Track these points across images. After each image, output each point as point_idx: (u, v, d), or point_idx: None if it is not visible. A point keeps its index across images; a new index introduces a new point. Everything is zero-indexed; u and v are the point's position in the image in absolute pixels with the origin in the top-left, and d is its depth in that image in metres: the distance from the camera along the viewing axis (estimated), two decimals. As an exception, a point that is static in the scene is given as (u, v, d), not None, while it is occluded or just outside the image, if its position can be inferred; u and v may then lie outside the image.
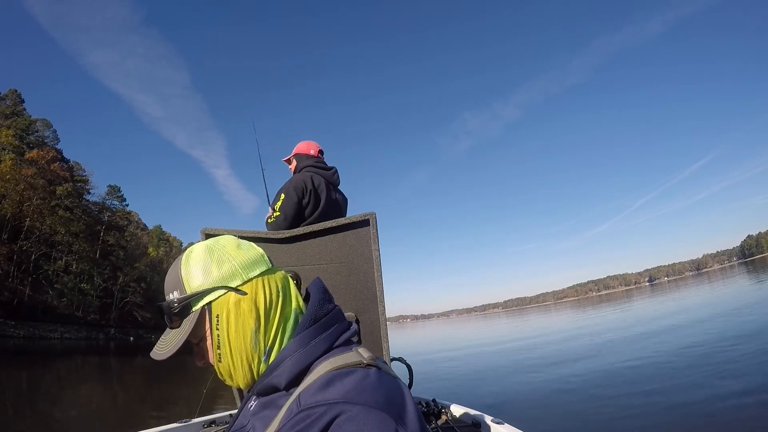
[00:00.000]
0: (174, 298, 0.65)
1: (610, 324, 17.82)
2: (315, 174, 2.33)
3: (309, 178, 2.28)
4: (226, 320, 0.63)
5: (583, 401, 5.42)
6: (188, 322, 0.65)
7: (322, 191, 2.29)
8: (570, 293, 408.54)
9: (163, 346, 0.67)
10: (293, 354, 0.61)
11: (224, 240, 0.70)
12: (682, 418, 4.11)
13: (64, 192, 50.73)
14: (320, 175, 2.35)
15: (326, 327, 0.65)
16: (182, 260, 0.68)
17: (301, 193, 2.21)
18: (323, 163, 2.47)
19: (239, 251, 0.68)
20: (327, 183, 2.34)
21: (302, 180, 2.26)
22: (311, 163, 2.41)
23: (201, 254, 0.67)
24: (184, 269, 0.66)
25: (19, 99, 54.83)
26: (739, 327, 9.23)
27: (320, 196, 2.27)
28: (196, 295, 0.64)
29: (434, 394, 2.15)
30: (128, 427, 1.96)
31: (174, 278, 0.66)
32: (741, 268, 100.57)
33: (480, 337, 22.83)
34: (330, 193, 2.34)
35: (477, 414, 1.79)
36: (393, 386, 0.58)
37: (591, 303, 66.84)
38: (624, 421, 4.36)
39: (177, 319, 0.65)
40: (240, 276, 0.64)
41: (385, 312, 1.83)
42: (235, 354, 0.63)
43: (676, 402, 4.65)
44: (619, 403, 5.04)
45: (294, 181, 2.27)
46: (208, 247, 0.68)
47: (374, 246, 1.80)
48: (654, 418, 4.25)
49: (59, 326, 44.20)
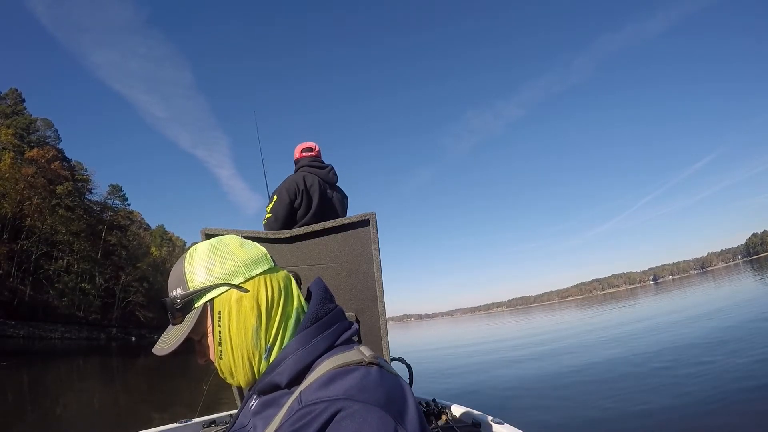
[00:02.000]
0: (177, 294, 0.66)
1: (613, 323, 17.81)
2: (309, 174, 2.35)
3: (302, 179, 2.30)
4: (228, 317, 0.63)
5: (584, 401, 5.42)
6: (190, 319, 0.66)
7: (315, 191, 2.29)
8: (574, 292, 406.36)
9: (164, 341, 0.68)
10: (295, 352, 0.61)
11: (228, 239, 0.71)
12: (682, 418, 4.10)
13: (65, 191, 50.72)
14: (314, 174, 2.36)
15: (328, 326, 0.65)
16: (186, 257, 0.69)
17: (293, 195, 2.23)
18: (318, 161, 2.47)
19: (242, 249, 0.69)
20: (321, 182, 2.35)
21: (294, 181, 2.28)
22: (305, 163, 2.43)
23: (205, 252, 0.68)
24: (188, 266, 0.67)
25: (20, 98, 54.93)
26: (741, 327, 9.22)
27: (312, 196, 2.28)
28: (198, 292, 0.65)
29: (435, 394, 2.15)
30: (129, 427, 1.95)
31: (177, 275, 0.68)
32: (746, 267, 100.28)
33: (482, 337, 22.84)
34: (325, 192, 2.34)
35: (477, 414, 1.79)
36: (394, 385, 0.58)
37: (595, 302, 66.72)
38: (624, 421, 4.36)
39: (179, 315, 0.66)
40: (243, 273, 0.65)
41: (385, 312, 1.83)
42: (236, 351, 0.63)
43: (676, 401, 4.65)
44: (620, 403, 5.04)
45: (287, 182, 2.30)
46: (212, 245, 0.69)
47: (374, 246, 1.80)
48: (655, 418, 4.25)
49: (60, 326, 44.16)
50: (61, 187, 50.34)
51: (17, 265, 43.95)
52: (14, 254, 43.71)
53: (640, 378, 6.10)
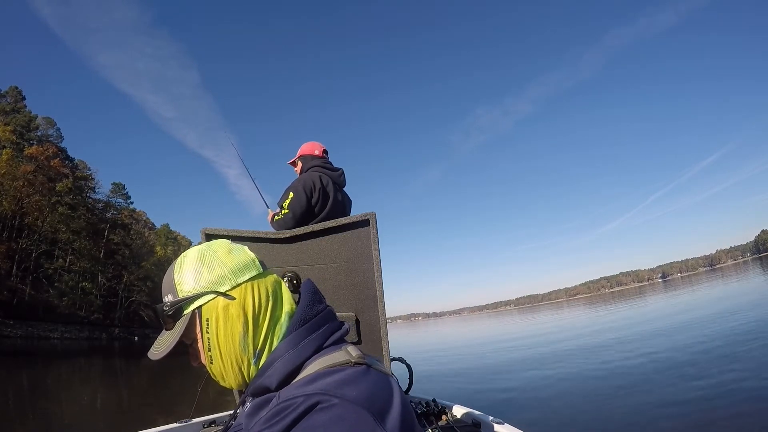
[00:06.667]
0: (168, 301, 0.68)
1: (617, 322, 17.79)
2: (323, 174, 2.34)
3: (318, 178, 2.28)
4: (215, 324, 0.65)
5: (584, 401, 5.42)
6: (180, 325, 0.68)
7: (330, 191, 2.29)
8: (582, 290, 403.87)
9: (158, 346, 0.71)
10: (283, 355, 0.62)
11: (216, 245, 0.72)
12: (683, 418, 4.10)
13: (64, 188, 50.55)
14: (328, 175, 2.35)
15: (316, 327, 0.66)
16: (176, 264, 0.70)
17: (310, 192, 2.22)
18: (330, 163, 2.47)
19: (230, 256, 0.70)
20: (334, 183, 2.35)
21: (311, 179, 2.26)
22: (318, 163, 2.41)
23: (193, 259, 0.69)
24: (177, 274, 0.69)
25: (20, 96, 54.80)
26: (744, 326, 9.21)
27: (329, 195, 2.28)
28: (186, 300, 0.66)
29: (435, 395, 2.14)
30: (130, 427, 1.95)
31: (168, 282, 0.70)
32: (755, 264, 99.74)
33: (483, 337, 22.84)
34: (336, 194, 2.34)
35: (478, 414, 1.79)
36: (381, 384, 0.58)
37: (603, 300, 66.58)
38: (625, 421, 4.36)
39: (170, 321, 0.68)
40: (229, 281, 0.66)
41: (385, 312, 1.83)
42: (225, 357, 0.65)
43: (677, 401, 4.64)
44: (620, 403, 5.04)
45: (303, 179, 2.27)
46: (200, 252, 0.70)
47: (374, 246, 1.80)
48: (655, 418, 4.24)
49: (60, 326, 43.94)
50: (61, 184, 50.18)
51: (17, 264, 43.87)
52: (14, 253, 43.62)
53: (641, 378, 6.10)
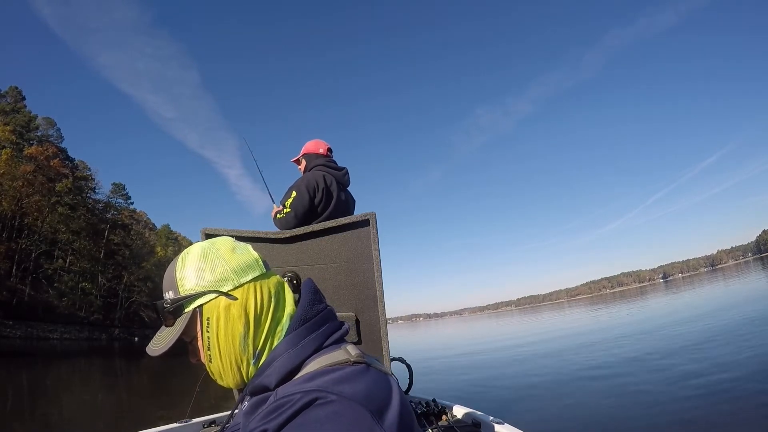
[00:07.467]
0: (168, 297, 0.67)
1: (618, 321, 17.79)
2: (327, 173, 2.31)
3: (321, 177, 2.26)
4: (216, 324, 0.64)
5: (585, 401, 5.41)
6: (180, 322, 0.67)
7: (334, 190, 2.27)
8: (583, 290, 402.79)
9: (157, 342, 0.70)
10: (282, 354, 0.62)
11: (220, 243, 0.71)
12: (683, 418, 4.10)
13: (64, 188, 50.47)
14: (332, 174, 2.32)
15: (316, 327, 0.66)
16: (178, 261, 0.69)
17: (313, 192, 2.19)
18: (334, 162, 2.44)
19: (233, 255, 0.68)
20: (338, 183, 2.33)
21: (314, 178, 2.24)
22: (322, 162, 2.38)
23: (196, 257, 0.68)
24: (179, 271, 0.68)
25: (20, 96, 54.70)
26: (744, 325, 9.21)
27: (333, 194, 2.26)
28: (188, 298, 0.65)
29: (435, 395, 2.14)
30: (130, 427, 1.95)
31: (170, 278, 0.68)
32: (757, 264, 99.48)
33: (484, 337, 22.84)
34: (340, 194, 2.32)
35: (478, 414, 1.79)
36: (379, 383, 0.58)
37: (604, 300, 66.53)
38: (625, 421, 4.36)
39: (171, 318, 0.67)
40: (232, 281, 0.66)
41: (385, 312, 1.83)
42: (224, 356, 0.64)
43: (677, 401, 4.64)
44: (621, 403, 5.03)
45: (306, 178, 2.25)
46: (203, 250, 0.69)
47: (374, 246, 1.80)
48: (656, 418, 4.24)
49: (60, 326, 43.85)
50: (61, 184, 50.11)
51: (17, 264, 43.79)
52: (14, 253, 43.56)
53: (642, 378, 6.10)
